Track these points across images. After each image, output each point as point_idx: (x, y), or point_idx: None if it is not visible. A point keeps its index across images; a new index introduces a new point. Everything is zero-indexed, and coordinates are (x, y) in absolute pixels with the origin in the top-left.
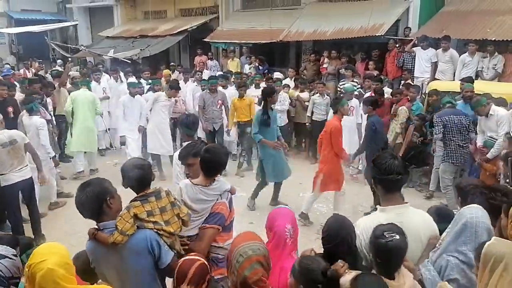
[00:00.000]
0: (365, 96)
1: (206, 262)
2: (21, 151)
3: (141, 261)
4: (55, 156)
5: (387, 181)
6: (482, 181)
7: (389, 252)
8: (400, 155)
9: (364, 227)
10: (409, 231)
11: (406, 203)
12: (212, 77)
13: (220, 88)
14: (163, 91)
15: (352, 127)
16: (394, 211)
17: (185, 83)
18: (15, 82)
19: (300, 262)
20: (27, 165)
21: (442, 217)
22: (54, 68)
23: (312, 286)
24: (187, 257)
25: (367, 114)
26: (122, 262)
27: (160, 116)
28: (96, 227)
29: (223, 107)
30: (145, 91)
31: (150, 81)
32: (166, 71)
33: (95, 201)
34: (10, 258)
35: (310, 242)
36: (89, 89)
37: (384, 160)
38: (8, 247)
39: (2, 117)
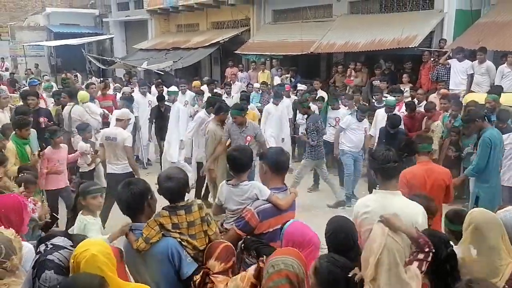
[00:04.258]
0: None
1: (232, 247)
2: (116, 149)
3: (161, 269)
4: None
5: (384, 169)
6: None
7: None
8: None
9: (358, 205)
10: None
11: (399, 191)
12: (237, 106)
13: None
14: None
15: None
16: (382, 195)
17: (211, 94)
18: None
19: (324, 264)
20: (121, 162)
21: (458, 218)
22: (89, 81)
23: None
24: (216, 240)
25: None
26: (145, 268)
27: None
28: (130, 225)
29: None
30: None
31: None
32: (196, 83)
33: (139, 198)
34: (68, 249)
35: None
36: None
37: (381, 151)
38: (65, 238)
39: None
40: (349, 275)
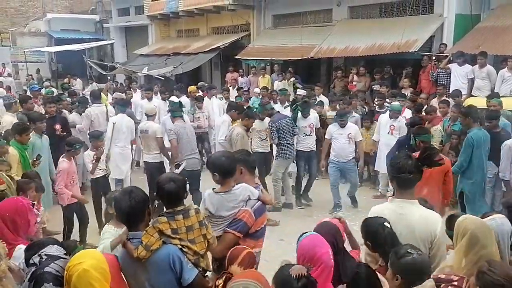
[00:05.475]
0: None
1: (254, 254)
2: (148, 140)
3: (163, 277)
4: None
5: (399, 179)
6: None
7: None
8: None
9: (372, 212)
10: (406, 224)
11: (415, 199)
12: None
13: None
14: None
15: (390, 145)
16: (399, 204)
17: (210, 99)
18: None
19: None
20: (152, 152)
21: (450, 223)
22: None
23: None
24: (238, 246)
25: None
26: (146, 276)
27: None
28: (127, 235)
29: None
30: None
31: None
32: (191, 88)
33: (141, 207)
34: (63, 258)
35: None
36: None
37: (399, 159)
38: (59, 247)
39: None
40: (290, 273)
